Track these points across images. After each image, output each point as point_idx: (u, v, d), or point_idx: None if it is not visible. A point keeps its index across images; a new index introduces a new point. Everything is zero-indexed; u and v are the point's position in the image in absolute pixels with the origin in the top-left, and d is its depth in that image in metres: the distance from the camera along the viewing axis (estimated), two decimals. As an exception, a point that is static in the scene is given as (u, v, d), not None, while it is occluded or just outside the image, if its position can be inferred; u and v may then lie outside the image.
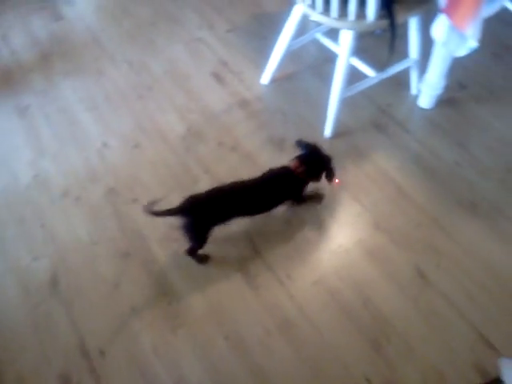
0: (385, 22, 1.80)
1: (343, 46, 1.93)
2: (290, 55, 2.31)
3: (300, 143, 1.81)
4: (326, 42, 2.32)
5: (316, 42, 2.47)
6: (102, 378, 1.49)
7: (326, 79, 2.39)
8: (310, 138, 2.12)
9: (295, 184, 1.78)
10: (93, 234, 1.82)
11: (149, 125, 2.21)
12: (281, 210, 1.89)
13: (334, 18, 1.80)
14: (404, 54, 2.17)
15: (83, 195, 1.93)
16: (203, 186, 1.94)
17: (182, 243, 1.65)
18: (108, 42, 2.64)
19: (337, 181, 1.85)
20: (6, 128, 2.20)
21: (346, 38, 1.90)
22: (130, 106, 2.30)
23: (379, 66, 2.16)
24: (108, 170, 2.02)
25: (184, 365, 1.51)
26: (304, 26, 2.27)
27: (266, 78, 2.42)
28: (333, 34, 2.31)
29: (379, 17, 1.77)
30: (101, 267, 1.73)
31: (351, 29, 1.84)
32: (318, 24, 2.50)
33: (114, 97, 2.34)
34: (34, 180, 2.00)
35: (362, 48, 1.92)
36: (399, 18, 1.78)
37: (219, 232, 1.68)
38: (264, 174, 1.75)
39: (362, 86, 2.13)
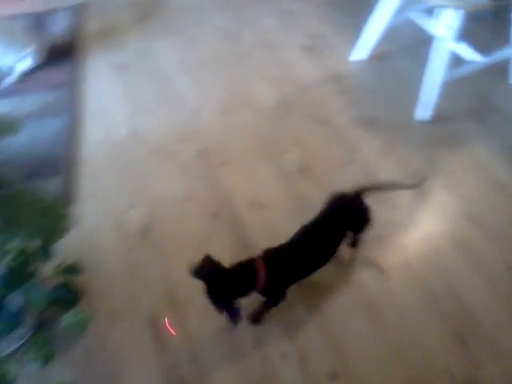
0: (496, 3, 1.70)
1: (447, 28, 1.84)
2: (386, 34, 2.23)
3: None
4: (426, 22, 2.22)
5: (413, 22, 2.38)
6: (188, 324, 1.52)
7: (422, 61, 2.30)
8: (403, 120, 2.07)
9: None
10: (183, 190, 1.86)
11: (241, 92, 2.22)
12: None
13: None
14: (508, 40, 2.05)
15: (176, 153, 1.97)
16: (292, 156, 1.94)
17: (269, 210, 1.65)
18: (206, 8, 2.66)
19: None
20: (108, 83, 2.29)
21: (452, 18, 1.80)
22: (223, 72, 2.32)
23: (484, 51, 2.05)
24: (200, 132, 2.05)
25: (265, 327, 1.52)
26: (403, 3, 2.18)
27: (358, 54, 2.36)
28: (432, 13, 2.22)
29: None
30: (189, 223, 1.77)
31: (459, 8, 1.75)
32: (419, 2, 2.41)
33: (208, 62, 2.37)
34: (132, 133, 2.06)
35: (464, 31, 1.82)
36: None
37: (302, 204, 1.67)
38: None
39: (463, 71, 2.04)
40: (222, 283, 1.30)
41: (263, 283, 1.35)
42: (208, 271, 1.31)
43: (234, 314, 1.34)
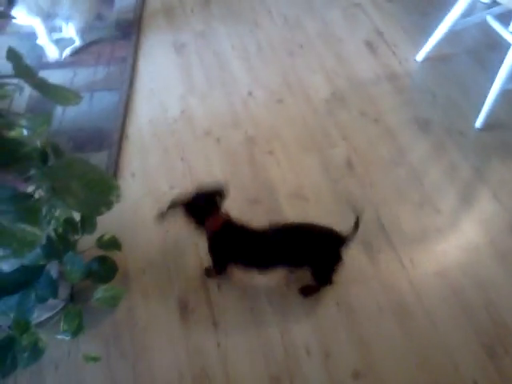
0: None
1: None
2: (450, 36, 2.17)
3: None
4: (497, 26, 2.14)
5: (480, 26, 2.31)
6: (216, 308, 1.57)
7: (485, 67, 2.24)
8: (457, 125, 2.02)
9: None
10: (227, 174, 1.88)
11: (295, 82, 2.22)
12: (414, 192, 1.83)
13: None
14: None
15: (223, 138, 2.00)
16: (339, 151, 1.94)
17: (310, 203, 1.65)
18: (268, -6, 2.66)
19: None
20: (164, 62, 2.33)
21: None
22: (279, 60, 2.32)
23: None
24: (250, 119, 2.07)
25: (292, 319, 1.55)
26: (472, 6, 2.11)
27: (420, 54, 2.31)
28: (503, 18, 2.15)
29: None
30: (227, 208, 1.79)
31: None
32: (490, 6, 2.32)
33: (265, 49, 2.37)
34: (181, 115, 2.10)
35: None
36: None
37: (344, 200, 1.67)
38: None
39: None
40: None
41: (213, 229, 1.42)
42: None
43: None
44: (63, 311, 1.36)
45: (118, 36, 2.45)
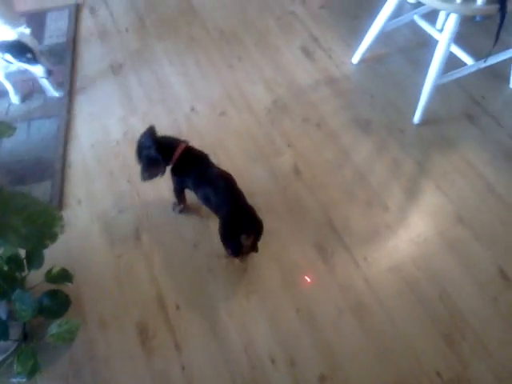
0: (493, 8, 1.71)
1: (445, 31, 1.85)
2: (382, 37, 2.24)
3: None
4: (424, 25, 2.24)
5: (409, 26, 2.39)
6: (177, 330, 1.55)
7: (418, 64, 2.32)
8: (397, 123, 2.08)
9: None
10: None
11: (236, 94, 2.23)
12: (362, 191, 1.87)
13: (440, 0, 1.73)
14: (506, 45, 2.06)
15: (169, 156, 1.98)
16: (285, 159, 1.96)
17: (262, 212, 1.66)
18: (201, 9, 2.66)
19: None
20: (102, 84, 2.28)
21: (449, 22, 1.82)
22: (219, 73, 2.32)
23: (477, 55, 2.06)
24: (194, 134, 2.06)
25: (254, 330, 1.54)
26: (400, 7, 2.19)
27: (355, 57, 2.37)
28: (429, 17, 2.24)
29: (488, 1, 1.68)
30: (182, 226, 1.78)
31: (456, 12, 1.76)
32: (416, 6, 2.42)
33: (204, 63, 2.37)
34: (124, 136, 2.07)
35: (460, 34, 1.83)
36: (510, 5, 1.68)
37: (295, 206, 1.70)
38: None
39: (458, 74, 2.05)
40: (152, 142, 1.57)
41: (175, 162, 1.60)
42: (146, 133, 1.61)
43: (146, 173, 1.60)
44: (16, 352, 1.31)
45: (52, 61, 2.39)
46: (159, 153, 1.55)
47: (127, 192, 1.87)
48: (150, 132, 1.60)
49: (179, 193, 1.74)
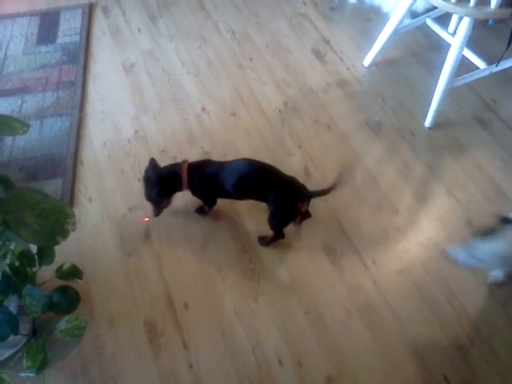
0: (507, 12, 1.70)
1: (458, 34, 1.84)
2: (394, 40, 2.24)
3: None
4: (436, 28, 2.23)
5: (421, 29, 2.39)
6: (185, 329, 1.55)
7: (430, 67, 2.32)
8: (408, 126, 2.08)
9: None
10: (186, 193, 1.87)
11: (247, 94, 2.23)
12: (372, 194, 1.87)
13: (452, 3, 1.72)
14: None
15: (179, 155, 1.98)
16: (296, 160, 1.96)
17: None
18: (213, 10, 2.67)
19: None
20: (114, 84, 2.30)
21: (462, 25, 1.81)
22: (230, 74, 2.33)
23: (489, 59, 2.06)
24: (205, 134, 2.07)
25: (263, 331, 1.55)
26: (413, 10, 2.19)
27: (367, 60, 2.37)
28: (442, 20, 2.24)
29: (502, 5, 1.67)
30: (191, 226, 1.79)
31: (469, 16, 1.76)
32: (429, 9, 2.41)
33: (215, 64, 2.38)
34: (135, 135, 2.08)
35: (472, 38, 1.83)
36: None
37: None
38: None
39: (471, 77, 2.04)
40: (156, 180, 1.62)
41: (186, 184, 1.62)
42: (149, 170, 1.64)
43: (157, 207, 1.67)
44: (26, 347, 1.32)
45: (65, 60, 2.41)
46: (166, 187, 1.63)
47: (138, 190, 1.87)
48: (153, 169, 1.65)
49: (212, 203, 1.76)
